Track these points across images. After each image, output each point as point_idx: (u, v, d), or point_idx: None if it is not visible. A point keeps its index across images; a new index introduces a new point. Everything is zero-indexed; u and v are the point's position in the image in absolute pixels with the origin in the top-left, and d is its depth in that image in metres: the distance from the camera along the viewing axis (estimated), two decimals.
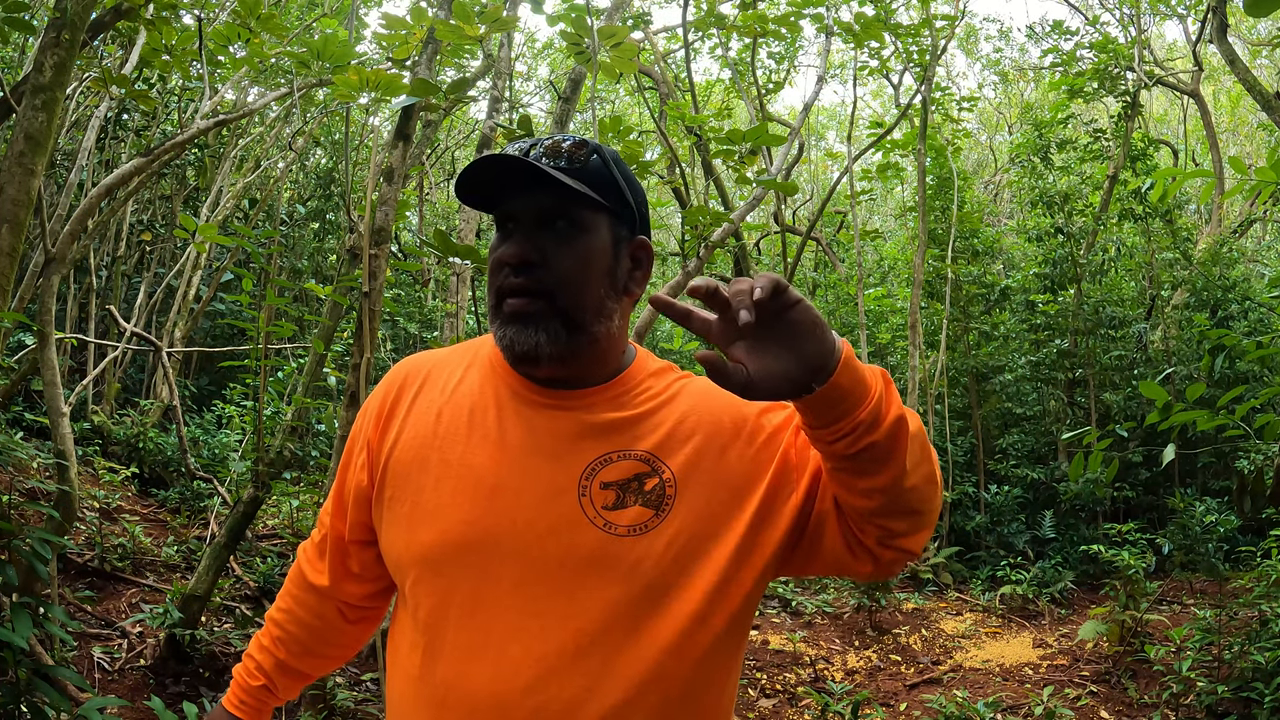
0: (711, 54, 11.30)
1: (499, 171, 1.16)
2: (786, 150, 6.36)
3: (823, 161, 16.04)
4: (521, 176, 1.16)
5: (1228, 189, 9.51)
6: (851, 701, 4.31)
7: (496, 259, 1.17)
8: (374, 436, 1.28)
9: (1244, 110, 16.03)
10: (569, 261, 1.15)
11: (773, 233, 12.35)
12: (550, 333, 1.14)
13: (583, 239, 1.17)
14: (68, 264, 5.05)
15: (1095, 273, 9.30)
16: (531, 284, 1.14)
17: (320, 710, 3.80)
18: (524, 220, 1.17)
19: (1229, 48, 6.76)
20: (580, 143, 1.18)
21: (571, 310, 1.15)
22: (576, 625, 1.11)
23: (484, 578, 1.13)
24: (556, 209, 1.16)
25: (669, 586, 1.12)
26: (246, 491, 4.14)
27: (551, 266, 1.15)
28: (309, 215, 11.51)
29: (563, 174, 1.14)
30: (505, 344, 1.16)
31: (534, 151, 1.16)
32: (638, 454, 1.17)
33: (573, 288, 1.15)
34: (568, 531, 1.13)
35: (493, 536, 1.14)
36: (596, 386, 1.22)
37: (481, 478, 1.17)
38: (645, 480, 1.15)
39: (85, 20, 3.28)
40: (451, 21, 3.55)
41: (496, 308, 1.17)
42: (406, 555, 1.19)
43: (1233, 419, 3.21)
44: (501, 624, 1.12)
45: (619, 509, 1.13)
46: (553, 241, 1.15)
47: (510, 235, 1.18)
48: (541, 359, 1.15)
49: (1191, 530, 6.75)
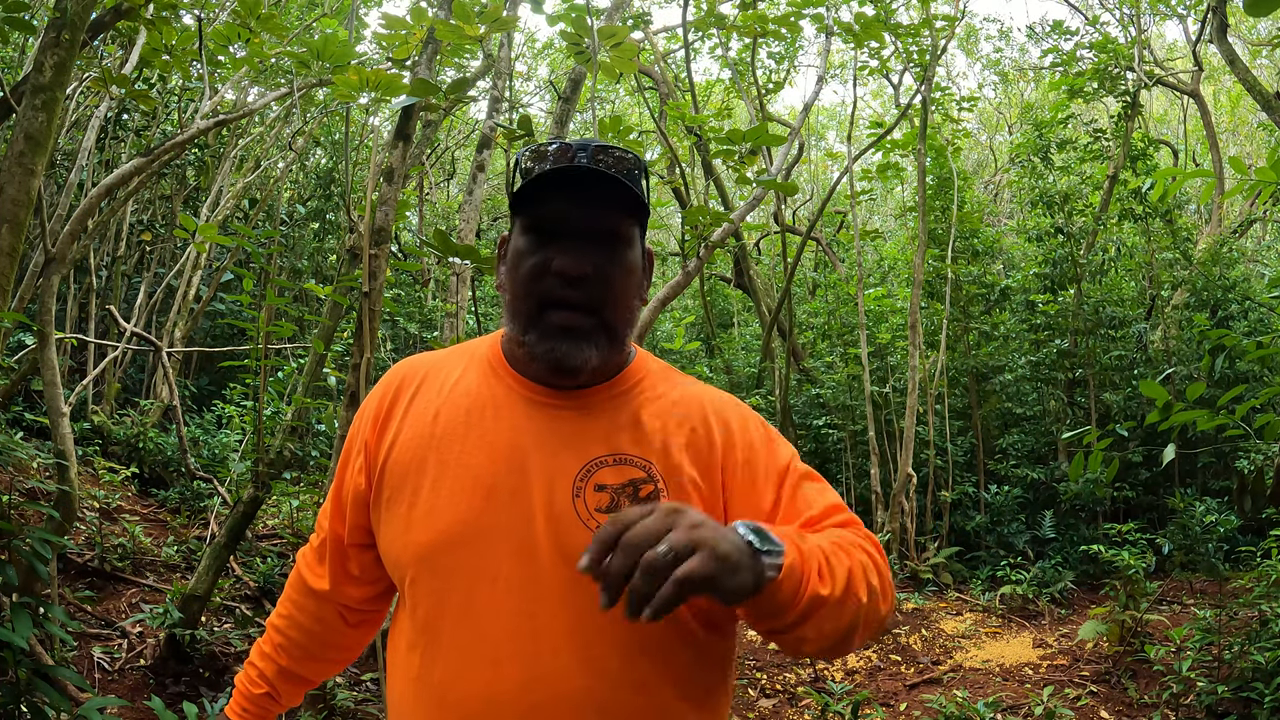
0: (711, 54, 11.31)
1: (564, 177, 1.14)
2: (786, 150, 6.36)
3: (823, 161, 16.04)
4: (586, 185, 1.14)
5: (1228, 189, 9.51)
6: (851, 701, 4.31)
7: (542, 265, 1.14)
8: (371, 439, 1.27)
9: (1244, 110, 16.02)
10: (619, 277, 1.16)
11: (773, 233, 12.36)
12: (599, 347, 1.15)
13: (628, 254, 1.18)
14: (68, 264, 5.05)
15: (1095, 273, 9.30)
16: (583, 298, 1.14)
17: (320, 710, 3.80)
18: (578, 230, 1.15)
19: (1229, 48, 6.75)
20: (629, 153, 1.18)
21: (617, 325, 1.17)
22: (570, 627, 1.11)
23: (479, 578, 1.13)
24: (615, 222, 1.16)
25: None
26: (246, 491, 4.14)
27: (603, 282, 1.14)
28: (309, 215, 11.51)
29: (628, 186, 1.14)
30: (551, 357, 1.14)
31: (602, 162, 1.15)
32: (636, 460, 1.17)
33: (619, 303, 1.17)
34: (562, 533, 1.13)
35: (488, 537, 1.14)
36: (597, 386, 1.22)
37: (479, 477, 1.16)
38: (641, 487, 1.15)
39: (85, 20, 3.28)
40: (451, 21, 3.55)
41: (538, 317, 1.15)
42: (404, 556, 1.19)
43: (1233, 419, 3.21)
44: (497, 625, 1.12)
45: (613, 512, 1.13)
46: (604, 255, 1.15)
47: (558, 244, 1.14)
48: (585, 372, 1.16)
49: (1191, 530, 6.75)
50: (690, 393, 1.26)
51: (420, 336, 10.43)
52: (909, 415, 7.95)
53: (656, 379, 1.26)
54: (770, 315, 9.90)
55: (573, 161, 1.14)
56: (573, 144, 1.16)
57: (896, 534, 7.74)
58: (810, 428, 9.75)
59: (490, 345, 1.29)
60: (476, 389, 1.24)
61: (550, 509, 1.14)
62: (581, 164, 1.13)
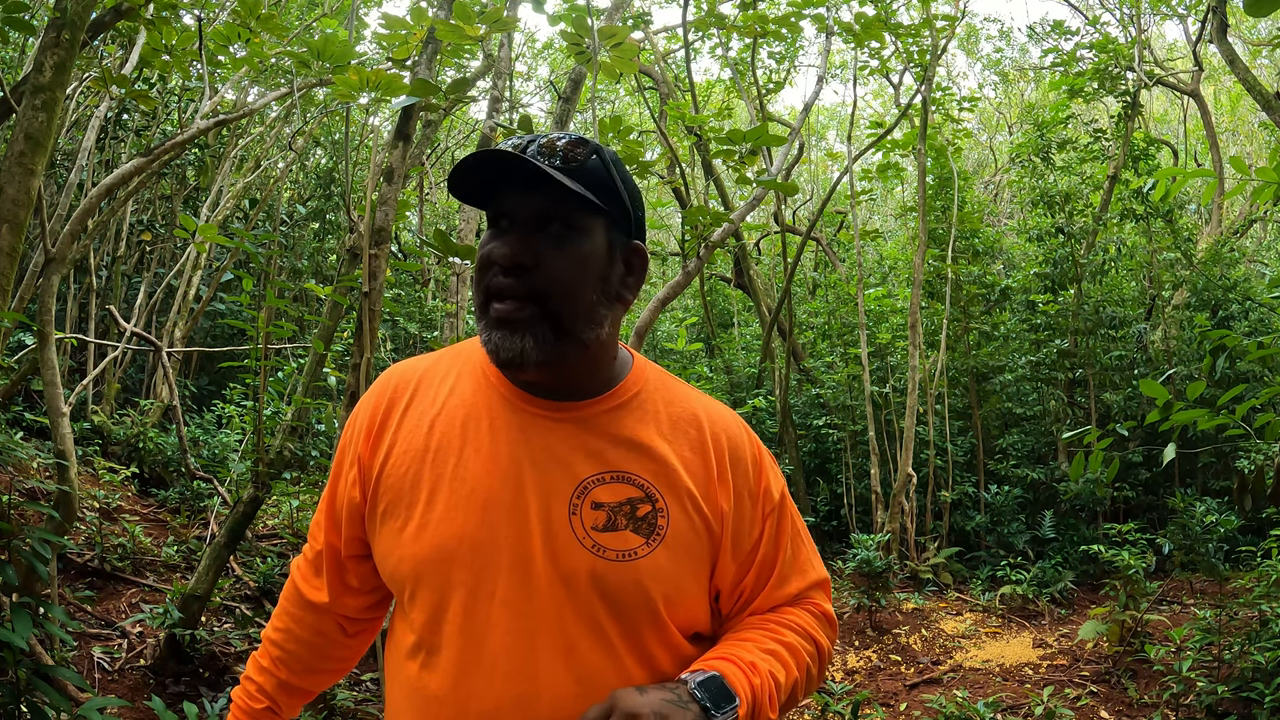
0: (711, 54, 11.30)
1: (496, 167, 1.13)
2: (786, 150, 6.35)
3: (823, 161, 16.03)
4: (518, 174, 1.13)
5: (1228, 189, 9.51)
6: (851, 701, 4.31)
7: (485, 256, 1.14)
8: (365, 451, 1.24)
9: (1244, 110, 16.03)
10: (562, 265, 1.12)
11: (773, 233, 12.35)
12: (537, 338, 1.11)
13: (577, 242, 1.13)
14: (68, 264, 5.05)
15: (1096, 273, 9.29)
16: (521, 287, 1.11)
17: (320, 710, 3.80)
18: (517, 219, 1.13)
19: (1229, 48, 6.75)
20: (579, 141, 1.14)
21: (562, 316, 1.12)
22: (565, 643, 1.11)
23: (477, 592, 1.12)
24: (552, 210, 1.12)
25: (655, 612, 1.13)
26: (246, 491, 4.14)
27: (543, 270, 1.11)
28: (309, 215, 11.51)
29: (560, 174, 1.10)
30: (491, 348, 1.13)
31: (531, 148, 1.13)
32: (635, 479, 1.16)
33: (564, 293, 1.12)
34: (558, 550, 1.12)
35: (485, 552, 1.13)
36: (593, 399, 1.20)
37: (474, 491, 1.15)
38: (638, 506, 1.14)
39: (85, 20, 3.28)
40: (451, 21, 3.55)
41: (484, 308, 1.14)
42: (401, 569, 1.17)
43: (1233, 418, 3.21)
44: (493, 639, 1.11)
45: (609, 531, 1.12)
46: (546, 243, 1.12)
47: (503, 233, 1.14)
48: (527, 365, 1.12)
49: (1192, 530, 6.75)
50: (690, 407, 1.25)
51: (420, 336, 10.43)
52: (909, 415, 7.94)
53: (654, 391, 1.24)
54: (770, 315, 9.89)
55: (518, 151, 1.11)
56: (536, 136, 1.14)
57: (896, 534, 7.74)
58: (810, 428, 9.74)
59: (482, 350, 1.27)
60: (471, 399, 1.22)
61: (547, 526, 1.12)
62: (514, 152, 1.10)
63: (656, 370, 1.29)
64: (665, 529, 1.14)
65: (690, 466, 1.19)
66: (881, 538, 7.16)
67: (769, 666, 1.14)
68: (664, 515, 1.14)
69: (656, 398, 1.23)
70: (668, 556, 1.13)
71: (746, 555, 1.22)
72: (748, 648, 1.16)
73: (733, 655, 1.14)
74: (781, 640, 1.20)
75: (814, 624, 1.26)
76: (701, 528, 1.17)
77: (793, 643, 1.21)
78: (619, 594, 1.11)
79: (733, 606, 1.25)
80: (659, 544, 1.13)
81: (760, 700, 1.10)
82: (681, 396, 1.26)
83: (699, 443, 1.21)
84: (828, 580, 1.32)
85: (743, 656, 1.14)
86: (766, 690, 1.11)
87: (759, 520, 1.23)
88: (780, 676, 1.15)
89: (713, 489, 1.19)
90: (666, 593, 1.13)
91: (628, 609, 1.11)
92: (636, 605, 1.12)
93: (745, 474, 1.23)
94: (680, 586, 1.15)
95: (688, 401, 1.25)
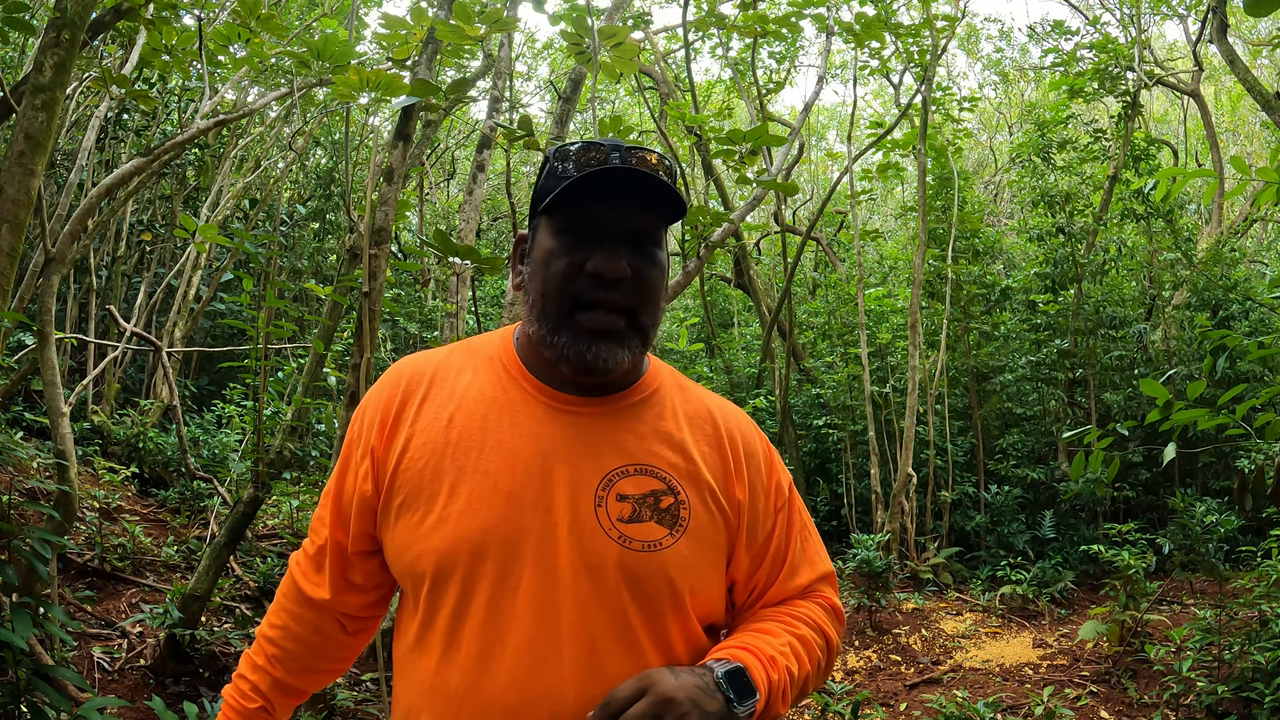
0: (712, 54, 11.31)
1: (606, 180, 1.13)
2: (786, 150, 6.35)
3: (823, 161, 16.04)
4: (629, 188, 1.14)
5: (1229, 189, 9.51)
6: (851, 701, 4.31)
7: (580, 268, 1.14)
8: (378, 444, 1.23)
9: (1244, 110, 16.03)
10: (654, 280, 1.17)
11: (773, 233, 12.35)
12: (631, 350, 1.16)
13: (660, 256, 1.19)
14: (68, 264, 5.05)
15: (1096, 273, 9.29)
16: (620, 300, 1.14)
17: (320, 710, 3.80)
18: (618, 232, 1.15)
19: (1229, 48, 6.76)
20: (661, 154, 1.19)
21: (649, 328, 1.18)
22: (589, 635, 1.11)
23: (501, 585, 1.12)
24: (653, 226, 1.17)
25: (680, 602, 1.15)
26: (246, 491, 4.14)
27: (639, 284, 1.15)
28: (309, 215, 11.51)
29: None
30: (584, 358, 1.14)
31: (632, 162, 1.15)
32: (658, 472, 1.18)
33: (651, 306, 1.17)
34: (584, 542, 1.13)
35: (510, 544, 1.13)
36: (616, 394, 1.22)
37: (498, 484, 1.15)
38: (662, 498, 1.16)
39: (85, 20, 3.28)
40: (451, 21, 3.55)
41: (569, 316, 1.15)
42: (421, 563, 1.16)
43: (1233, 418, 3.21)
44: (516, 632, 1.11)
45: (634, 522, 1.14)
46: (641, 257, 1.16)
47: (596, 245, 1.14)
48: (615, 373, 1.17)
49: (1192, 530, 6.74)
50: (704, 404, 1.29)
51: (420, 336, 10.44)
52: (909, 415, 7.94)
53: (672, 388, 1.28)
54: (770, 315, 9.89)
55: (607, 163, 1.13)
56: (605, 144, 1.15)
57: (896, 534, 7.74)
58: (810, 428, 9.74)
59: (501, 347, 1.27)
60: (491, 393, 1.22)
61: (573, 518, 1.13)
62: (615, 164, 1.13)
63: (669, 368, 1.32)
64: (687, 520, 1.16)
65: (708, 460, 1.22)
66: (881, 538, 7.16)
67: (786, 662, 1.17)
68: (685, 507, 1.17)
69: (673, 394, 1.27)
70: (690, 547, 1.16)
71: (760, 547, 1.25)
72: (767, 640, 1.19)
73: (754, 648, 1.16)
74: (796, 634, 1.23)
75: (824, 618, 1.29)
76: (720, 519, 1.20)
77: (806, 636, 1.24)
78: (645, 583, 1.13)
79: (746, 598, 1.28)
80: (682, 535, 1.15)
81: (775, 696, 1.13)
82: (694, 394, 1.30)
83: (715, 438, 1.25)
84: (834, 573, 1.36)
85: (763, 650, 1.16)
86: (782, 685, 1.14)
87: (772, 513, 1.26)
88: (795, 671, 1.18)
89: (730, 482, 1.22)
90: (691, 583, 1.16)
91: (654, 599, 1.13)
92: (662, 595, 1.13)
93: (758, 468, 1.26)
94: (702, 576, 1.18)
95: (701, 398, 1.29)
